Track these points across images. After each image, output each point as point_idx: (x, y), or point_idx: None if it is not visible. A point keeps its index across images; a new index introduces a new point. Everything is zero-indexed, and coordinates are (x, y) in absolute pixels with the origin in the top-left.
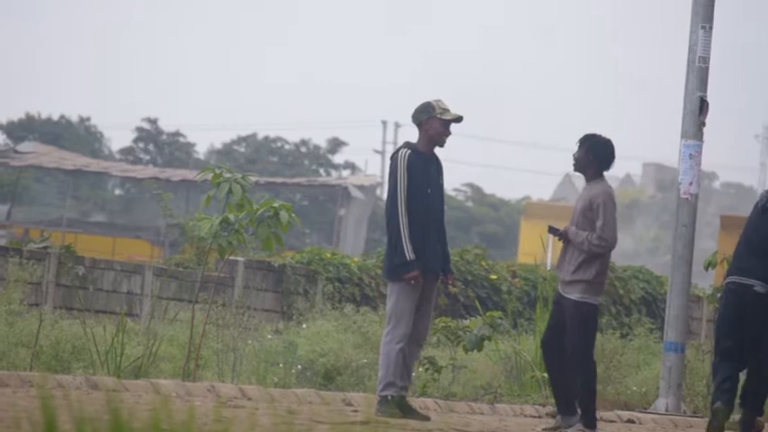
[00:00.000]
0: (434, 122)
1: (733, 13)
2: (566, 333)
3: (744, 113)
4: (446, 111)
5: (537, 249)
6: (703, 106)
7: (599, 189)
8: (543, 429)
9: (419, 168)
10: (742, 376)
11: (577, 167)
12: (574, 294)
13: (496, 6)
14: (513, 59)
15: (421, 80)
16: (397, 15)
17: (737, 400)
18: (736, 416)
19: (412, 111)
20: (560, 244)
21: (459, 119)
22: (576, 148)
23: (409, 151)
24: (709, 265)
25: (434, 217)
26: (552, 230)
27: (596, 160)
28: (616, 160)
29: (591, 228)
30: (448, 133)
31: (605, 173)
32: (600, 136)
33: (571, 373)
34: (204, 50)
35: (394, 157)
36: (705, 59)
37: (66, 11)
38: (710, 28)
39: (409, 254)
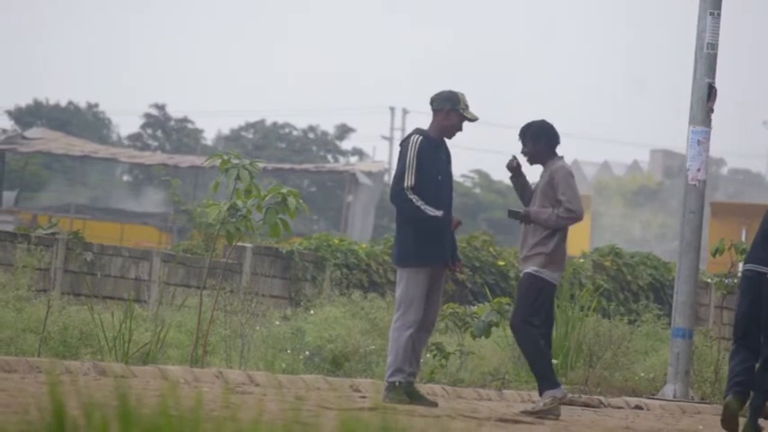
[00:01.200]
0: (454, 116)
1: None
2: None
3: (752, 100)
4: (468, 108)
5: None
6: (711, 93)
7: (556, 166)
8: (522, 411)
9: (430, 155)
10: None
11: (534, 160)
12: (530, 267)
13: None
14: (519, 45)
15: (429, 67)
16: (405, 2)
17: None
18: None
19: (434, 94)
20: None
21: (474, 118)
22: (521, 145)
23: (421, 137)
24: (717, 251)
25: (444, 203)
26: (512, 214)
27: (546, 144)
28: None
29: (551, 205)
30: (461, 129)
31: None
32: (538, 122)
33: (547, 349)
34: (212, 37)
35: (405, 142)
36: (713, 46)
37: None
38: (719, 14)
39: (434, 212)
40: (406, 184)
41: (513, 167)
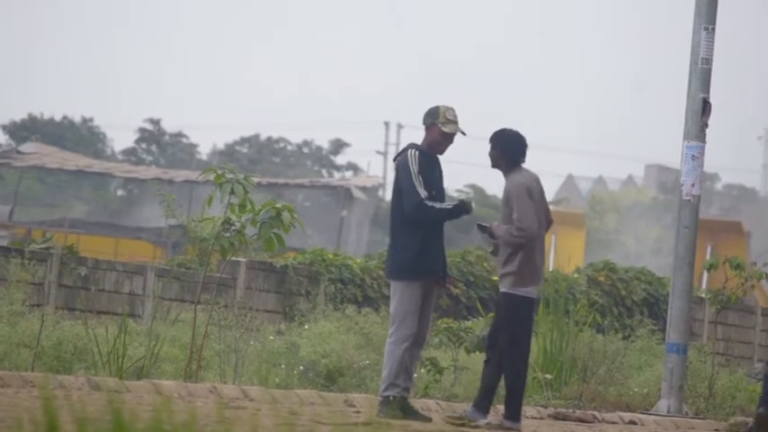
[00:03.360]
0: (435, 131)
1: (735, 15)
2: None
3: (746, 115)
4: (449, 122)
5: None
6: (706, 107)
7: (511, 182)
8: (447, 416)
9: (426, 169)
10: None
11: (493, 164)
12: (503, 287)
13: (498, 8)
14: (514, 60)
15: (423, 81)
16: (400, 17)
17: None
18: None
19: (425, 110)
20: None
21: (454, 134)
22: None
23: (417, 151)
24: (710, 266)
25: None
26: (480, 228)
27: (505, 154)
28: (529, 149)
29: (508, 222)
30: (447, 143)
31: (523, 164)
32: (507, 130)
33: (498, 372)
34: (207, 51)
35: (402, 156)
36: (708, 60)
37: (69, 11)
38: (713, 29)
39: (451, 204)
40: (421, 196)
41: (485, 233)
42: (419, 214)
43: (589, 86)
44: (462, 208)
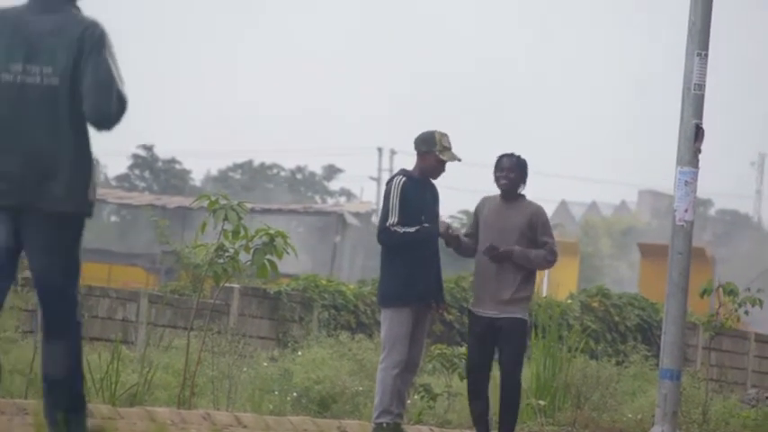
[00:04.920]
0: (431, 158)
1: (728, 41)
2: (502, 355)
3: (739, 141)
4: (446, 149)
5: None
6: (699, 133)
7: (535, 207)
8: None
9: (414, 196)
10: None
11: (510, 188)
12: (518, 313)
13: (487, 32)
14: (509, 83)
15: (414, 107)
16: (390, 42)
17: None
18: None
19: (416, 135)
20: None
21: (451, 160)
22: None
23: (404, 178)
24: (705, 292)
25: (430, 245)
26: (492, 249)
27: (525, 179)
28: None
29: (530, 245)
30: (442, 170)
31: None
32: (520, 156)
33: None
34: (200, 78)
35: (389, 183)
36: (701, 86)
37: None
38: (706, 55)
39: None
40: (389, 222)
41: (496, 253)
42: (384, 239)
43: (581, 111)
44: (427, 231)
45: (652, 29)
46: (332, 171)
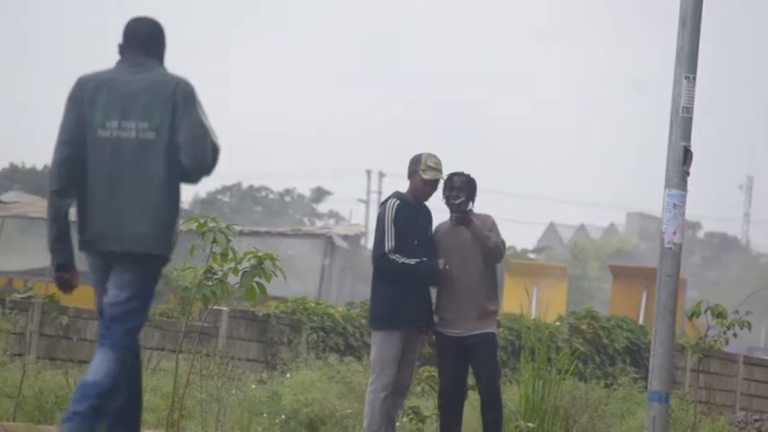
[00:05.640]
0: (417, 178)
1: (716, 64)
2: (481, 373)
3: (728, 163)
4: (430, 169)
5: (519, 305)
6: (687, 156)
7: (484, 215)
8: None
9: (407, 219)
10: None
11: (464, 209)
12: (489, 327)
13: (476, 52)
14: (497, 106)
15: (404, 129)
16: (379, 64)
17: None
18: None
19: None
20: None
21: (436, 180)
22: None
23: (398, 201)
24: (693, 314)
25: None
26: (459, 210)
27: (474, 198)
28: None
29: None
30: (430, 190)
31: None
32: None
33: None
34: None
35: (382, 207)
36: (689, 109)
37: (49, 60)
38: (694, 78)
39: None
40: (386, 248)
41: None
42: (382, 266)
43: (568, 133)
44: (428, 267)
45: (641, 52)
46: (320, 194)
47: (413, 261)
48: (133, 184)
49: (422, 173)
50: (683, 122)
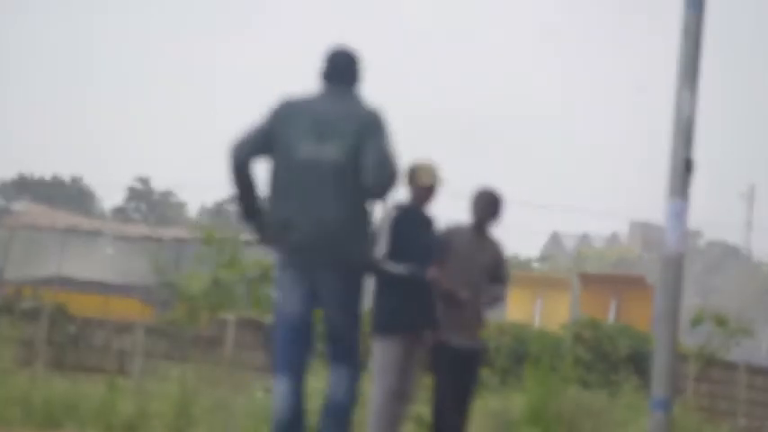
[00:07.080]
0: (413, 185)
1: (717, 73)
2: (467, 384)
3: (729, 172)
4: (425, 175)
5: (523, 316)
6: (689, 165)
7: (497, 242)
8: None
9: (404, 226)
10: None
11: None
12: (481, 340)
13: (475, 60)
14: (498, 116)
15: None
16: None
17: None
18: None
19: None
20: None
21: (432, 185)
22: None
23: (399, 210)
24: (695, 322)
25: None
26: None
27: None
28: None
29: (493, 281)
30: (428, 195)
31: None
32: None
33: None
34: (195, 109)
35: (385, 213)
36: (691, 119)
37: (58, 71)
38: (696, 88)
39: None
40: (379, 254)
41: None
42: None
43: (572, 143)
44: (416, 277)
45: (644, 61)
46: None
47: (403, 269)
48: (328, 200)
49: (417, 179)
50: (685, 132)
